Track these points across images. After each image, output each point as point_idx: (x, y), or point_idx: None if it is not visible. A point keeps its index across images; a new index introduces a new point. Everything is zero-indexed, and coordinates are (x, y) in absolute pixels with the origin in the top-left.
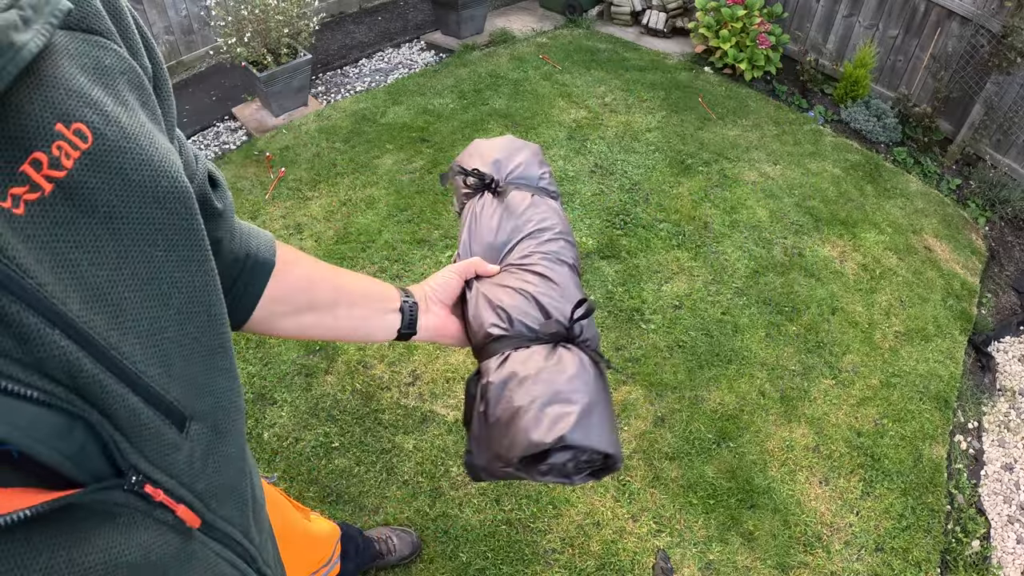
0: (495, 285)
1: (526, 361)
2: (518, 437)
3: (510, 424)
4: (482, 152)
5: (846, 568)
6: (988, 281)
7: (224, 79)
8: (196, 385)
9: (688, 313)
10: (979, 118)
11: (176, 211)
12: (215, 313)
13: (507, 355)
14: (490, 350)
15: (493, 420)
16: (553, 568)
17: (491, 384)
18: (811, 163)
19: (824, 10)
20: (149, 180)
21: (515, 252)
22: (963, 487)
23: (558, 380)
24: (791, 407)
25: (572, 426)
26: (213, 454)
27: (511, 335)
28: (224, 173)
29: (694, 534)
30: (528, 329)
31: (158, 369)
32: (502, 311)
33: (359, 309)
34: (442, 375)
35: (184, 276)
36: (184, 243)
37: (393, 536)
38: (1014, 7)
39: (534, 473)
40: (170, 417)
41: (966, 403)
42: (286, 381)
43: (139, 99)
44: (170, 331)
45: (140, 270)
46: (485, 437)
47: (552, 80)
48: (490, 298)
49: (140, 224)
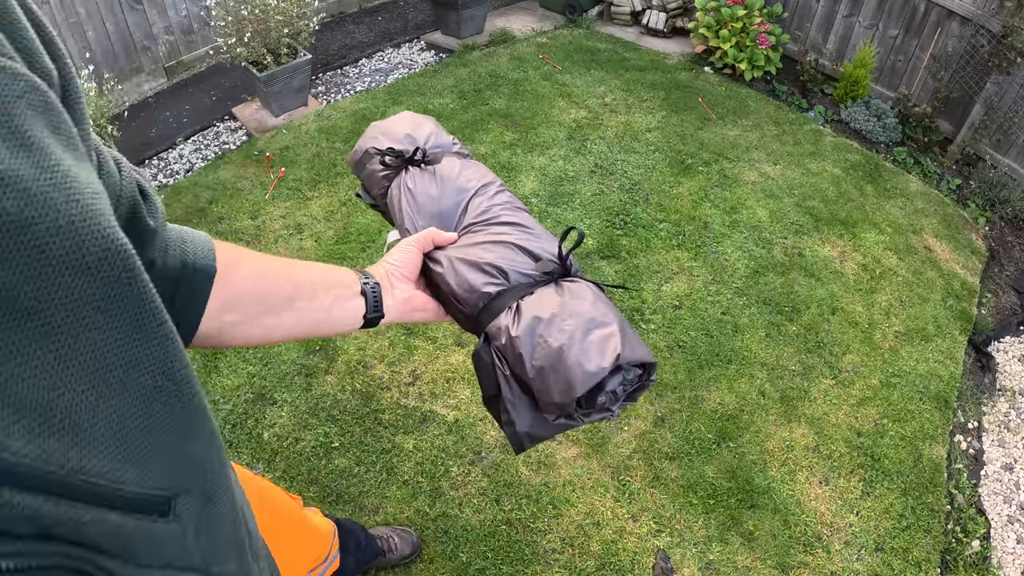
0: (467, 247)
1: (540, 304)
2: (574, 373)
3: (558, 366)
4: (387, 131)
5: (846, 568)
6: (988, 281)
7: (224, 79)
8: (176, 462)
9: (688, 313)
10: (979, 118)
11: (114, 278)
12: (181, 380)
13: (516, 306)
14: (492, 310)
15: (534, 372)
16: (553, 568)
17: (517, 338)
18: (811, 163)
19: (824, 10)
20: (73, 249)
21: (469, 213)
22: (963, 487)
23: (583, 309)
24: (791, 407)
25: (621, 344)
26: (206, 521)
27: (510, 287)
28: (224, 173)
29: (694, 534)
30: (524, 276)
31: (133, 469)
32: (491, 267)
33: (319, 299)
34: (442, 375)
35: (138, 351)
36: (131, 313)
37: (394, 536)
38: (1014, 7)
39: (588, 413)
40: (155, 511)
41: (966, 403)
42: (286, 381)
43: (48, 124)
44: (135, 419)
45: (85, 363)
46: (525, 396)
47: (552, 80)
48: (470, 260)
49: (72, 308)
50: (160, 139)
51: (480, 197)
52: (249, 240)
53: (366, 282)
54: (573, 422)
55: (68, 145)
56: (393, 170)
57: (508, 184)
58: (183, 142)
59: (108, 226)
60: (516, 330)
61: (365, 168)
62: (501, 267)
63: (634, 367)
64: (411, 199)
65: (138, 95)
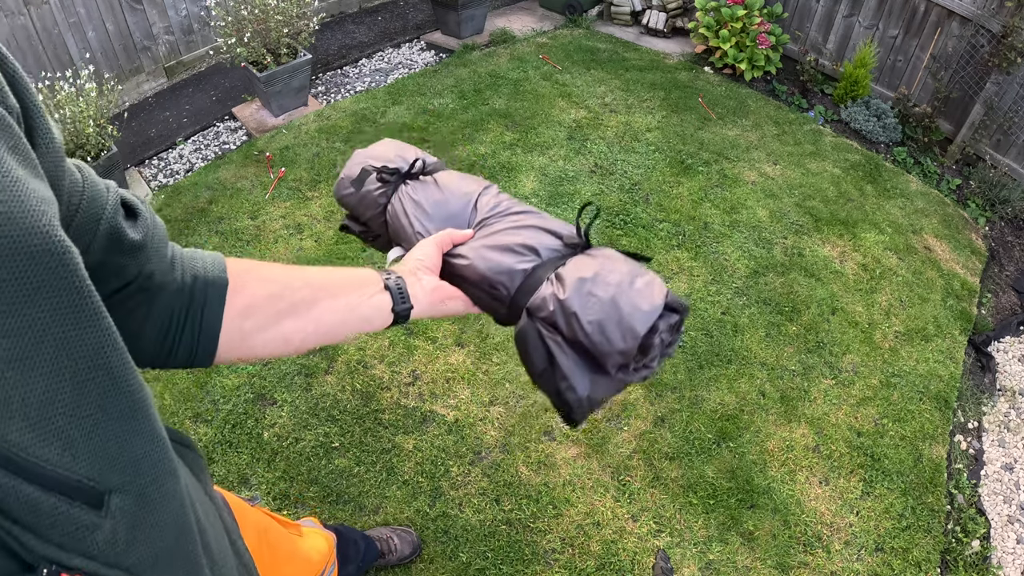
0: (488, 236)
1: (579, 267)
2: (632, 317)
3: (614, 314)
4: (374, 156)
5: (846, 568)
6: (988, 281)
7: (224, 79)
8: (109, 457)
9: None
10: (979, 118)
11: (51, 267)
12: (118, 374)
13: (554, 276)
14: (530, 286)
15: (592, 327)
16: (553, 568)
17: (567, 299)
18: (811, 163)
19: (824, 10)
20: (14, 238)
21: (479, 210)
22: (963, 487)
23: (619, 266)
24: (791, 407)
25: (664, 287)
26: (142, 525)
27: (543, 261)
28: (224, 173)
29: (694, 534)
30: (553, 251)
31: (56, 450)
32: (520, 247)
33: (342, 299)
34: (442, 375)
35: (71, 337)
36: (68, 301)
37: (394, 536)
38: (1014, 7)
39: (639, 365)
40: (80, 498)
41: (966, 403)
42: (286, 381)
43: (6, 143)
44: (64, 403)
45: (21, 337)
46: (581, 359)
47: (552, 80)
48: (498, 245)
49: (13, 287)
50: (160, 139)
51: (487, 195)
52: (249, 240)
53: (388, 277)
54: (628, 376)
55: (24, 162)
56: (391, 186)
57: (508, 184)
58: (183, 142)
59: (49, 224)
60: (564, 293)
61: (361, 189)
62: (530, 245)
63: (673, 312)
64: (417, 208)
65: (138, 95)
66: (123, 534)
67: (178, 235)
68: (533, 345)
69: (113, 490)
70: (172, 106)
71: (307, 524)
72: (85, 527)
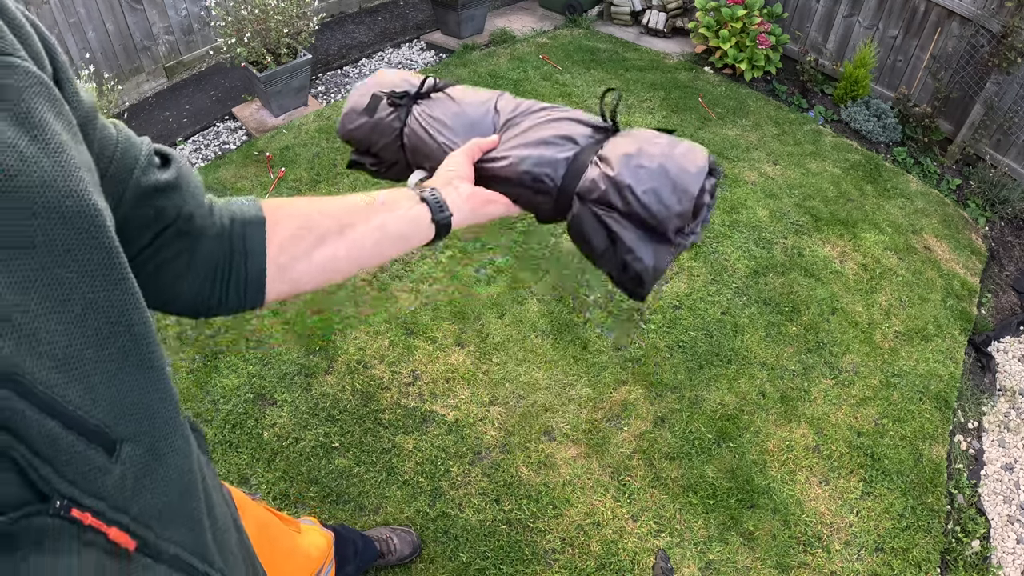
0: (521, 135)
1: (619, 146)
2: (684, 178)
3: (667, 179)
4: (379, 84)
5: (846, 568)
6: (988, 281)
7: (224, 79)
8: (125, 407)
9: (688, 313)
10: (979, 118)
11: (86, 230)
12: (138, 332)
13: (597, 156)
14: (575, 172)
15: (647, 195)
16: (553, 568)
17: (617, 175)
18: (811, 163)
19: (824, 10)
20: (54, 202)
21: (502, 113)
22: (963, 487)
23: (657, 139)
24: (791, 407)
25: (704, 149)
26: (150, 475)
27: (582, 146)
28: (224, 173)
29: (694, 534)
30: (587, 138)
31: (79, 392)
32: (556, 138)
33: (376, 218)
34: (442, 375)
35: (100, 296)
36: (97, 262)
37: (393, 536)
38: (1014, 7)
39: (693, 226)
40: (96, 441)
41: (966, 403)
42: (286, 381)
43: (51, 110)
44: (89, 353)
45: (51, 293)
46: (642, 231)
47: (552, 80)
48: (533, 140)
49: (48, 247)
50: (160, 139)
51: (504, 100)
52: None
53: (422, 191)
54: (684, 241)
55: (67, 127)
56: (403, 109)
57: None
58: (183, 142)
59: (85, 190)
60: (613, 171)
61: (374, 116)
62: (566, 135)
63: (711, 175)
64: (437, 123)
65: (138, 95)
66: (131, 482)
67: None
68: (591, 228)
69: (126, 439)
70: (172, 106)
71: (306, 522)
72: (98, 469)
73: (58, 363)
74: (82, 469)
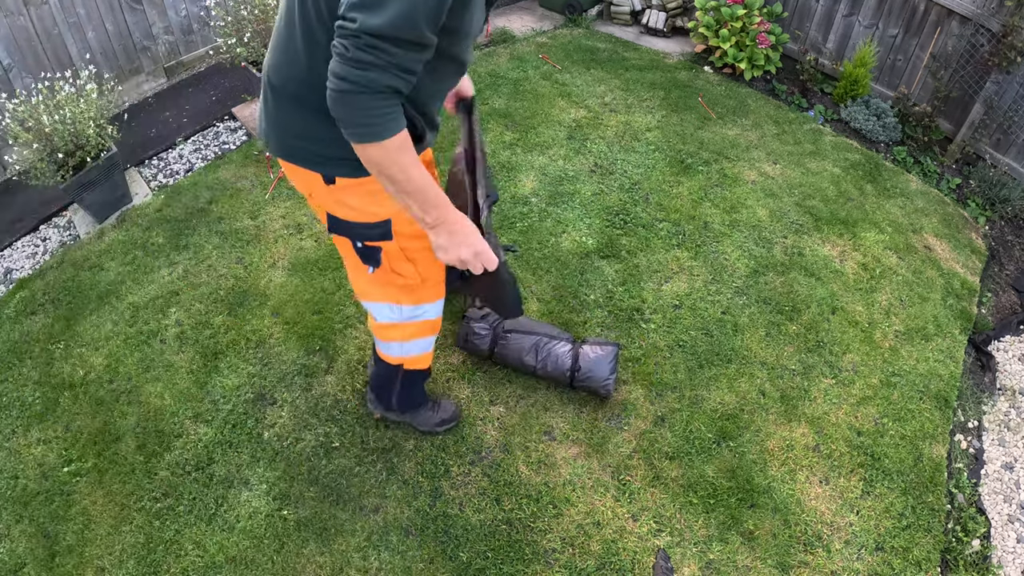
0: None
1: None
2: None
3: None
4: None
5: (846, 567)
6: (988, 280)
7: (224, 79)
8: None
9: (688, 313)
10: (979, 117)
11: None
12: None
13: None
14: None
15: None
16: (553, 568)
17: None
18: (811, 162)
19: (824, 9)
20: None
21: None
22: (963, 486)
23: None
24: (791, 407)
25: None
26: (440, 68)
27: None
28: (224, 173)
29: (694, 534)
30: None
31: (470, 47)
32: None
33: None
34: (442, 375)
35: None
36: None
37: (441, 401)
38: (1014, 6)
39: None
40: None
41: (966, 402)
42: (286, 381)
43: None
44: (471, 26)
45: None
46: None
47: (552, 80)
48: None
49: None
50: (160, 139)
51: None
52: (249, 240)
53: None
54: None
55: None
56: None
57: (508, 184)
58: (183, 142)
59: None
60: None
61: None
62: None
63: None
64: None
65: (138, 95)
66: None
67: (178, 235)
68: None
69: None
70: (172, 106)
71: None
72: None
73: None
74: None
